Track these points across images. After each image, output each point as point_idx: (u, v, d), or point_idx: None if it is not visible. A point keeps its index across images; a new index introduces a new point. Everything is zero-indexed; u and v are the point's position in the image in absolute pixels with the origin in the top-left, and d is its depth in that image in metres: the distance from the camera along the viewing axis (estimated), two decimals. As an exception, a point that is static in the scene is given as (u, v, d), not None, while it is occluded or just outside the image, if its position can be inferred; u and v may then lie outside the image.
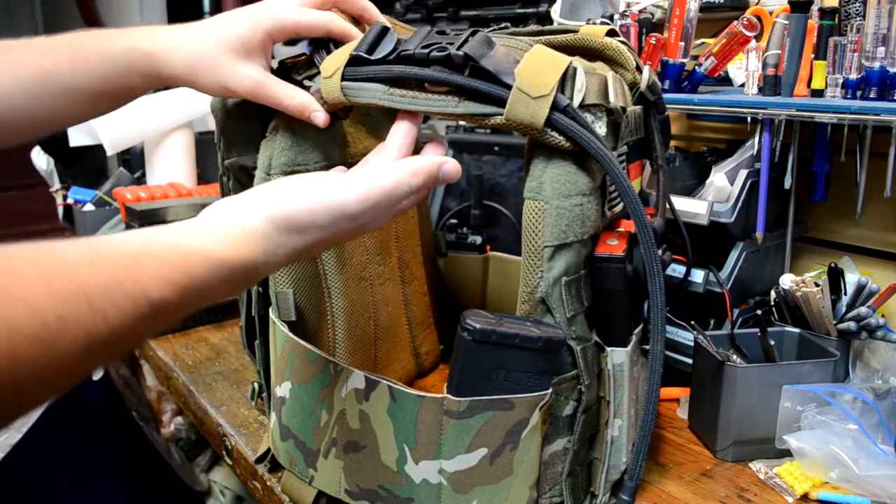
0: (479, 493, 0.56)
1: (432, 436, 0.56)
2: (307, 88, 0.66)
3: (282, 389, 0.63)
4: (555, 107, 0.53)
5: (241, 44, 0.61)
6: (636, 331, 0.61)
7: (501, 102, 0.53)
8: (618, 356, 0.58)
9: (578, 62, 0.55)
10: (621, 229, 0.59)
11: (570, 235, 0.55)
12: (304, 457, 0.62)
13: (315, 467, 0.62)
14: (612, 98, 0.56)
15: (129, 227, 1.17)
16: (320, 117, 0.62)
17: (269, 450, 0.68)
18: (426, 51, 0.56)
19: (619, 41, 0.62)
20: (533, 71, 0.53)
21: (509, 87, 0.53)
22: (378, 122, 0.79)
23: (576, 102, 0.54)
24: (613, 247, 0.57)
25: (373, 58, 0.58)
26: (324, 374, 0.59)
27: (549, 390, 0.55)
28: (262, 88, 0.62)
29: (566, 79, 0.54)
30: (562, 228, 0.55)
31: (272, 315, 0.66)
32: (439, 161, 0.54)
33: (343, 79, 0.60)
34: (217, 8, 3.19)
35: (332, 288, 0.73)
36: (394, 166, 0.52)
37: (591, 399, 0.59)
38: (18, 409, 0.34)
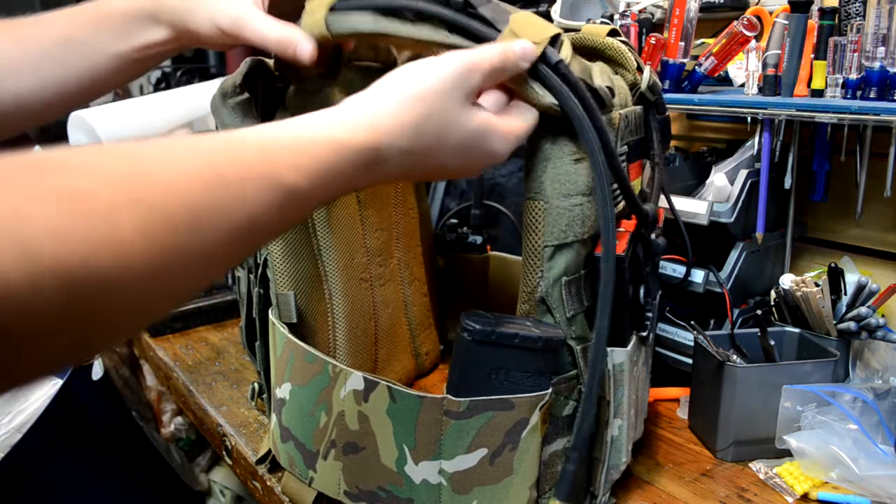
0: (479, 494, 0.56)
1: (432, 436, 0.56)
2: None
3: (282, 391, 0.63)
4: (544, 59, 0.51)
5: None
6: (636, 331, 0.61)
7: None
8: (618, 356, 0.58)
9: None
10: (622, 229, 0.59)
11: (571, 235, 0.55)
12: (304, 458, 0.62)
13: (314, 468, 0.61)
14: (596, 80, 0.55)
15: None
16: (306, 50, 0.57)
17: (269, 451, 0.68)
18: None
19: (621, 41, 0.62)
20: (526, 23, 0.52)
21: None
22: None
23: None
24: (613, 247, 0.57)
25: None
26: (322, 375, 0.59)
27: (549, 390, 0.55)
28: (242, 23, 0.58)
29: (555, 41, 0.52)
30: (562, 228, 0.55)
31: (272, 316, 0.65)
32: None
33: (330, 10, 0.57)
34: None
35: (334, 289, 0.73)
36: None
37: (591, 399, 0.59)
38: (171, 302, 0.34)
